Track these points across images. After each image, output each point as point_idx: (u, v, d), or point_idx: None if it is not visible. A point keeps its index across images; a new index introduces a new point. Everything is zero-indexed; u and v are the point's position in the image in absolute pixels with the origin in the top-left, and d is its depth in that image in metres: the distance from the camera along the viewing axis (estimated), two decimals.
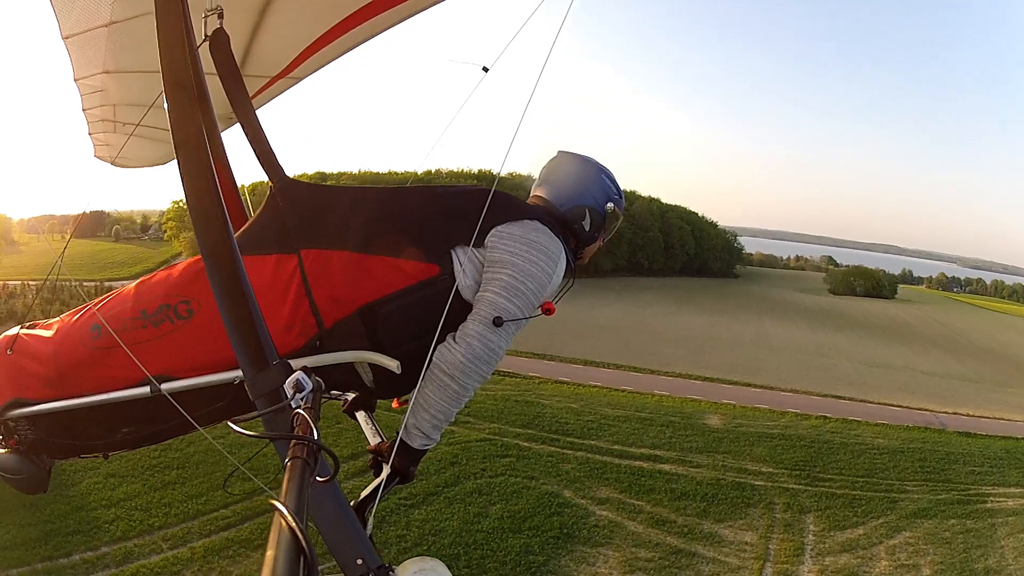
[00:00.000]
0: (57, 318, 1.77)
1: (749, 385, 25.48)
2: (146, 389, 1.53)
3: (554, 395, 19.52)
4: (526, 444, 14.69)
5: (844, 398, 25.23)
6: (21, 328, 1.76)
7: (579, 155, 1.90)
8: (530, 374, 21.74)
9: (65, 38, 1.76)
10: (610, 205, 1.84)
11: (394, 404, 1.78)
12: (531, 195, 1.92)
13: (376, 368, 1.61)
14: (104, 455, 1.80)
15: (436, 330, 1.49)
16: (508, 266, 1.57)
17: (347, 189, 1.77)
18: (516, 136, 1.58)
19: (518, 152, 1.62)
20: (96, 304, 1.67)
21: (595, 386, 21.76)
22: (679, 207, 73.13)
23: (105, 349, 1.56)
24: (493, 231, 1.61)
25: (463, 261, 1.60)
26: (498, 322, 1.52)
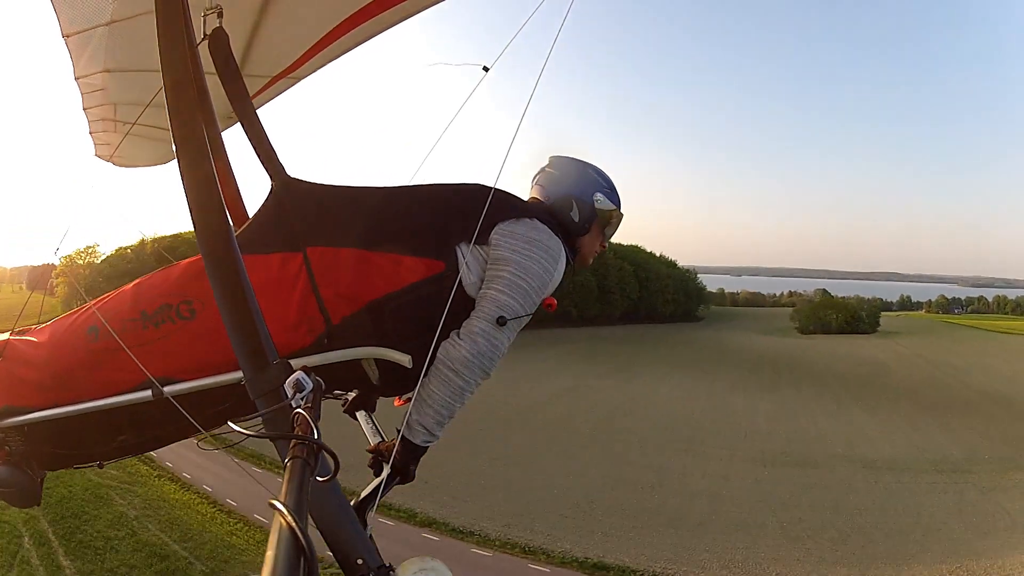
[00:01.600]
0: (49, 322, 1.73)
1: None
2: (147, 393, 1.50)
3: None
4: None
5: None
6: (11, 334, 1.71)
7: (567, 156, 1.96)
8: None
9: (65, 36, 1.76)
10: (599, 195, 1.87)
11: (396, 402, 1.78)
12: (527, 198, 1.94)
13: (382, 364, 1.62)
14: (99, 464, 1.76)
15: (440, 325, 1.51)
16: (511, 264, 1.60)
17: (349, 187, 1.77)
18: (516, 136, 1.59)
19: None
20: (93, 305, 1.64)
21: None
22: (619, 245, 62.41)
23: (103, 351, 1.54)
24: (496, 229, 1.64)
25: (467, 258, 1.62)
26: (501, 321, 1.55)
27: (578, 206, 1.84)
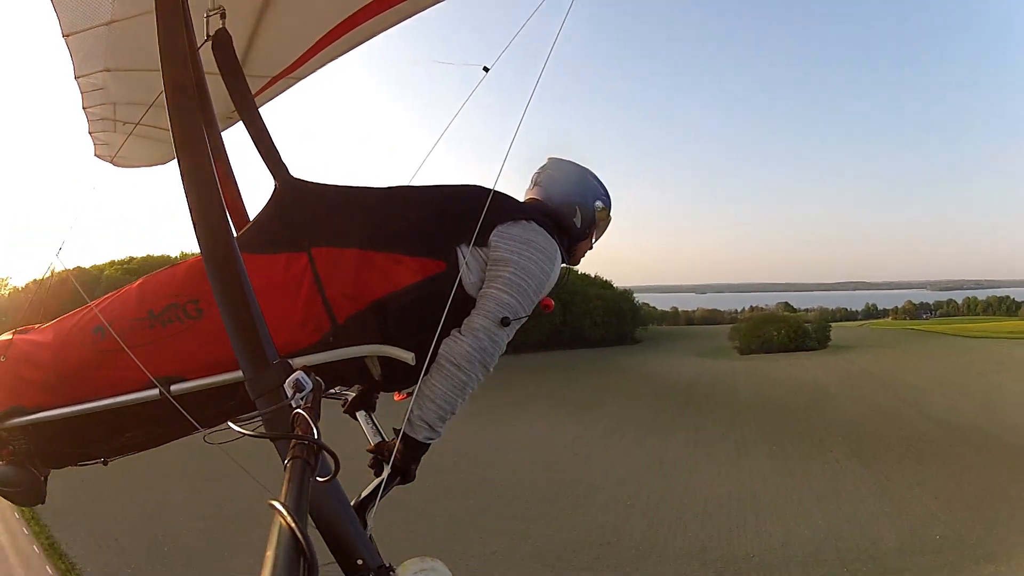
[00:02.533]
0: (52, 322, 1.73)
1: None
2: (155, 392, 1.50)
3: None
4: None
5: None
6: (14, 333, 1.71)
7: (568, 160, 2.00)
8: None
9: (66, 36, 1.76)
10: (599, 203, 1.94)
11: (397, 396, 1.79)
12: (524, 197, 1.96)
13: (385, 361, 1.63)
14: (104, 461, 1.76)
15: (441, 323, 1.53)
16: (511, 264, 1.63)
17: (352, 188, 1.78)
18: (516, 135, 1.60)
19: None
20: (97, 305, 1.64)
21: None
22: None
23: (111, 351, 1.54)
24: (495, 230, 1.67)
25: (467, 258, 1.64)
26: (505, 322, 1.59)
27: (581, 212, 1.90)
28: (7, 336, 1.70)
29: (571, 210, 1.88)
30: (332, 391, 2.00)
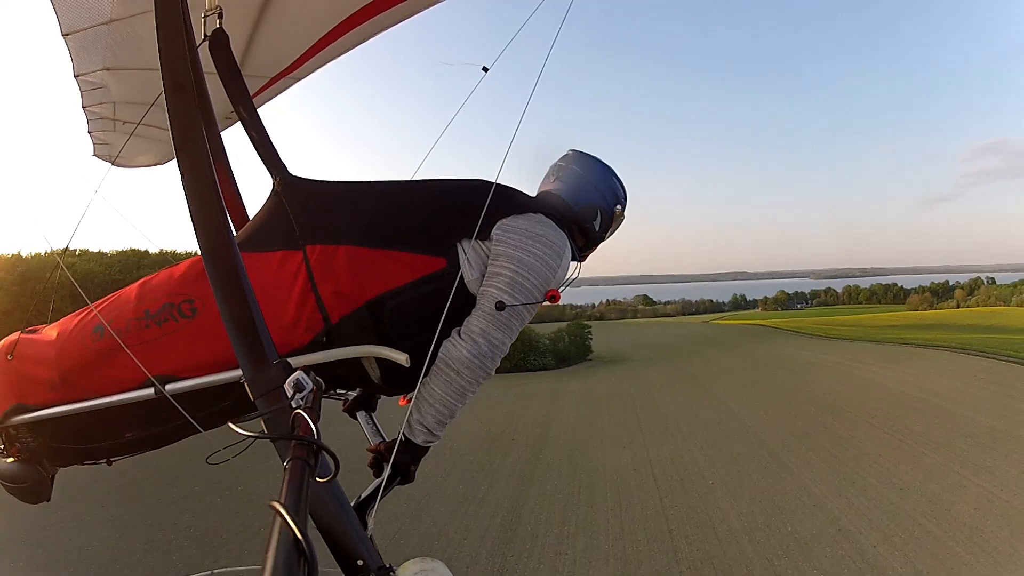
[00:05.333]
0: (58, 322, 1.74)
1: None
2: (150, 391, 1.50)
3: None
4: None
5: None
6: (21, 332, 1.72)
7: (591, 156, 1.93)
8: None
9: (65, 35, 1.76)
10: (619, 207, 1.89)
11: (400, 402, 1.77)
12: (540, 190, 1.93)
13: (383, 363, 1.61)
14: (108, 461, 1.76)
15: (441, 323, 1.50)
16: (512, 261, 1.59)
17: (350, 184, 1.76)
18: (516, 135, 1.59)
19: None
20: (98, 305, 1.64)
21: None
22: None
23: (108, 350, 1.54)
24: (498, 224, 1.63)
25: (468, 254, 1.61)
26: (500, 306, 1.54)
27: (601, 216, 1.86)
28: (14, 336, 1.71)
29: (592, 212, 1.84)
30: (332, 393, 1.99)
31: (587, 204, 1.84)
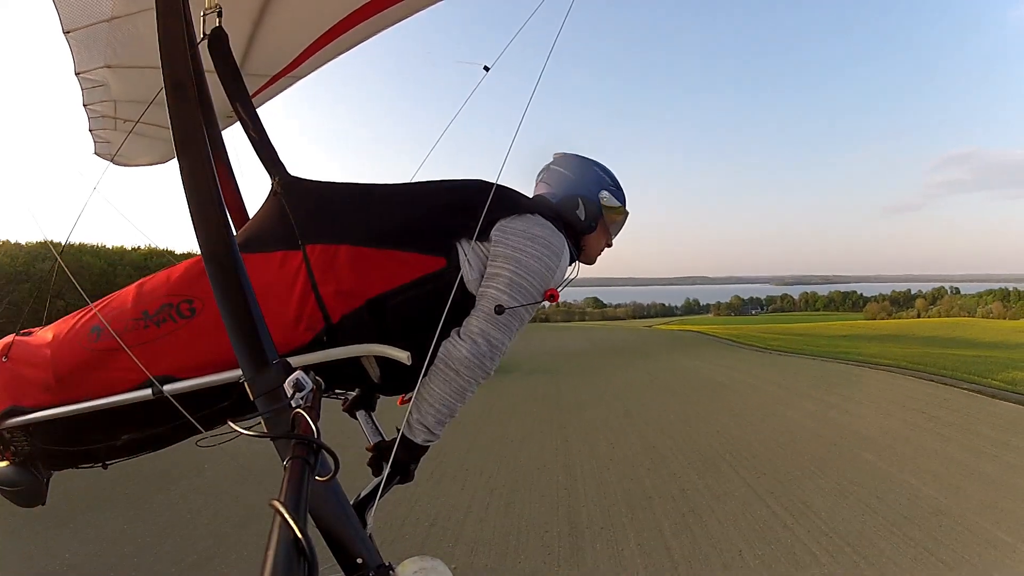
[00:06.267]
0: (54, 323, 1.73)
1: None
2: (148, 391, 1.50)
3: None
4: None
5: None
6: (16, 334, 1.71)
7: (573, 153, 1.96)
8: None
9: (66, 32, 1.76)
10: (604, 193, 1.88)
11: (399, 402, 1.78)
12: (532, 195, 1.95)
13: (383, 362, 1.61)
14: (103, 465, 1.75)
15: (441, 323, 1.51)
16: (511, 261, 1.60)
17: (350, 184, 1.77)
18: (517, 134, 1.59)
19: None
20: (96, 306, 1.64)
21: None
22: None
23: (106, 351, 1.54)
24: (497, 225, 1.64)
25: (468, 254, 1.62)
26: (499, 310, 1.55)
27: (584, 204, 1.86)
28: (8, 338, 1.70)
29: (574, 202, 1.85)
30: (332, 392, 2.00)
31: (566, 195, 1.85)
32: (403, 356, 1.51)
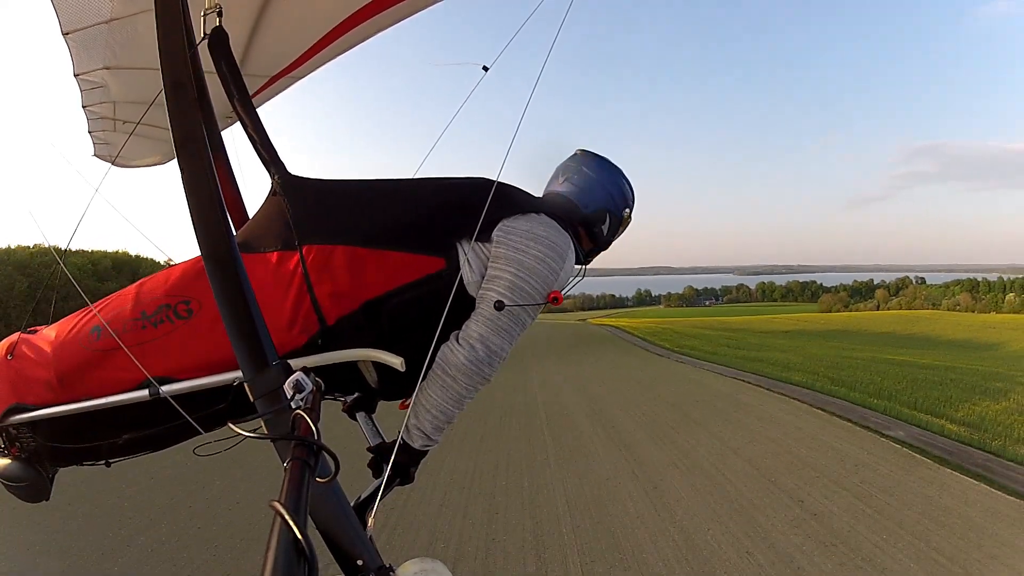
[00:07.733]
0: (58, 322, 1.73)
1: None
2: (145, 392, 1.50)
3: None
4: None
5: None
6: (21, 333, 1.72)
7: (601, 156, 1.92)
8: None
9: (65, 34, 1.76)
10: (627, 211, 1.87)
11: (400, 406, 1.77)
12: (547, 190, 1.92)
13: (380, 367, 1.59)
14: (106, 463, 1.75)
15: (439, 326, 1.48)
16: (512, 263, 1.56)
17: (349, 183, 1.74)
18: (517, 134, 1.58)
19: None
20: (97, 306, 1.64)
21: None
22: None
23: (105, 351, 1.54)
24: (500, 225, 1.60)
25: (468, 255, 1.58)
26: (499, 306, 1.52)
27: (610, 219, 1.84)
28: (14, 336, 1.71)
29: (601, 216, 1.82)
30: (330, 398, 1.99)
31: (597, 207, 1.82)
32: (396, 362, 1.48)
